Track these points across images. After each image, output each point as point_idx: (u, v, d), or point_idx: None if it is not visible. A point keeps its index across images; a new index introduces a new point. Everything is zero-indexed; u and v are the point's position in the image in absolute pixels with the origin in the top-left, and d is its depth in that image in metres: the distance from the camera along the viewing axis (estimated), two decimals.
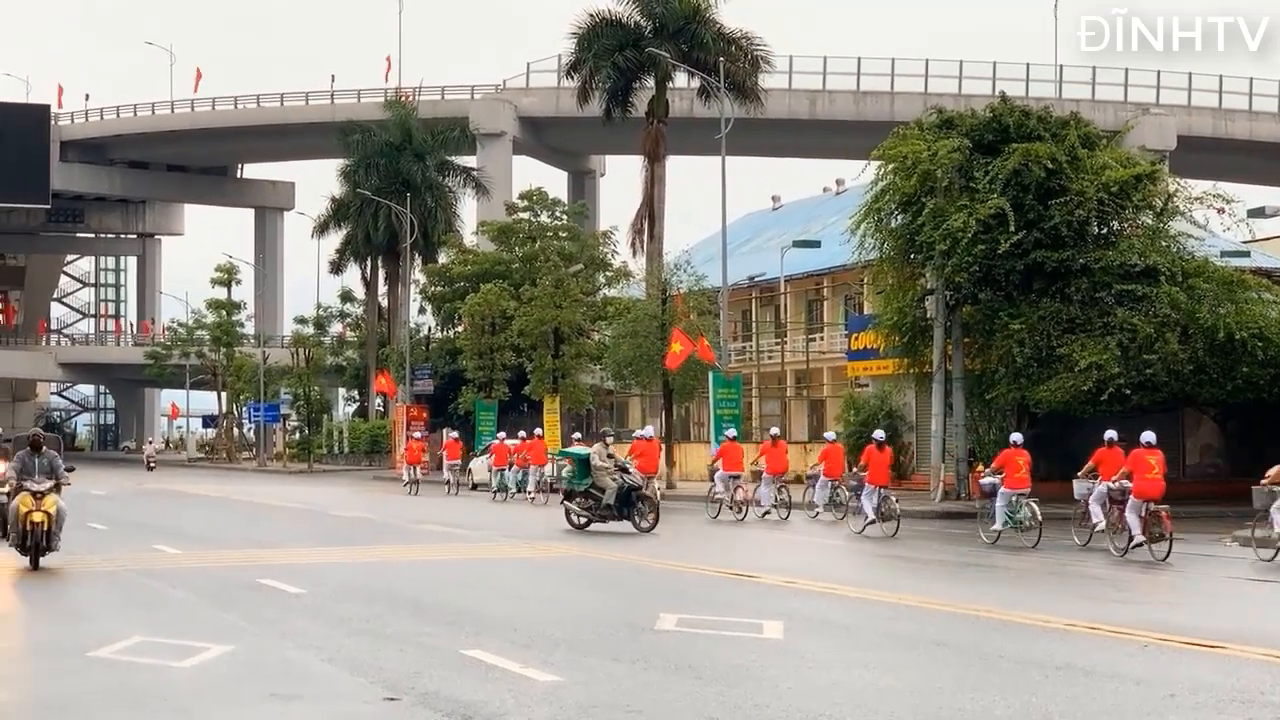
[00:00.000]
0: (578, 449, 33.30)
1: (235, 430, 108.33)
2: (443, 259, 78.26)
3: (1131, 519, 24.64)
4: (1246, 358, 37.48)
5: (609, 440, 32.73)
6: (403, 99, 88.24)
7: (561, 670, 12.56)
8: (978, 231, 37.20)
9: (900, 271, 41.50)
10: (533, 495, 44.73)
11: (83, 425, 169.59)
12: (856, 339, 49.56)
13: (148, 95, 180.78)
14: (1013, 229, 37.05)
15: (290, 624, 15.77)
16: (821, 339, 63.87)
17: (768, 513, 35.15)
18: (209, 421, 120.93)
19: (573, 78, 66.81)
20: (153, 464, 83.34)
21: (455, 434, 52.36)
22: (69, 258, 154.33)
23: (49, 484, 21.74)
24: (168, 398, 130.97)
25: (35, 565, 21.63)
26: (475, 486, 52.03)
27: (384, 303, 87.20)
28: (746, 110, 61.36)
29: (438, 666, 12.84)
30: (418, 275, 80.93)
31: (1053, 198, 37.97)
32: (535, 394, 60.77)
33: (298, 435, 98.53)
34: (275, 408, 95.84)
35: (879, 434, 32.92)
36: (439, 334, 79.11)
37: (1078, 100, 72.24)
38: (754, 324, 68.58)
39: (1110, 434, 26.92)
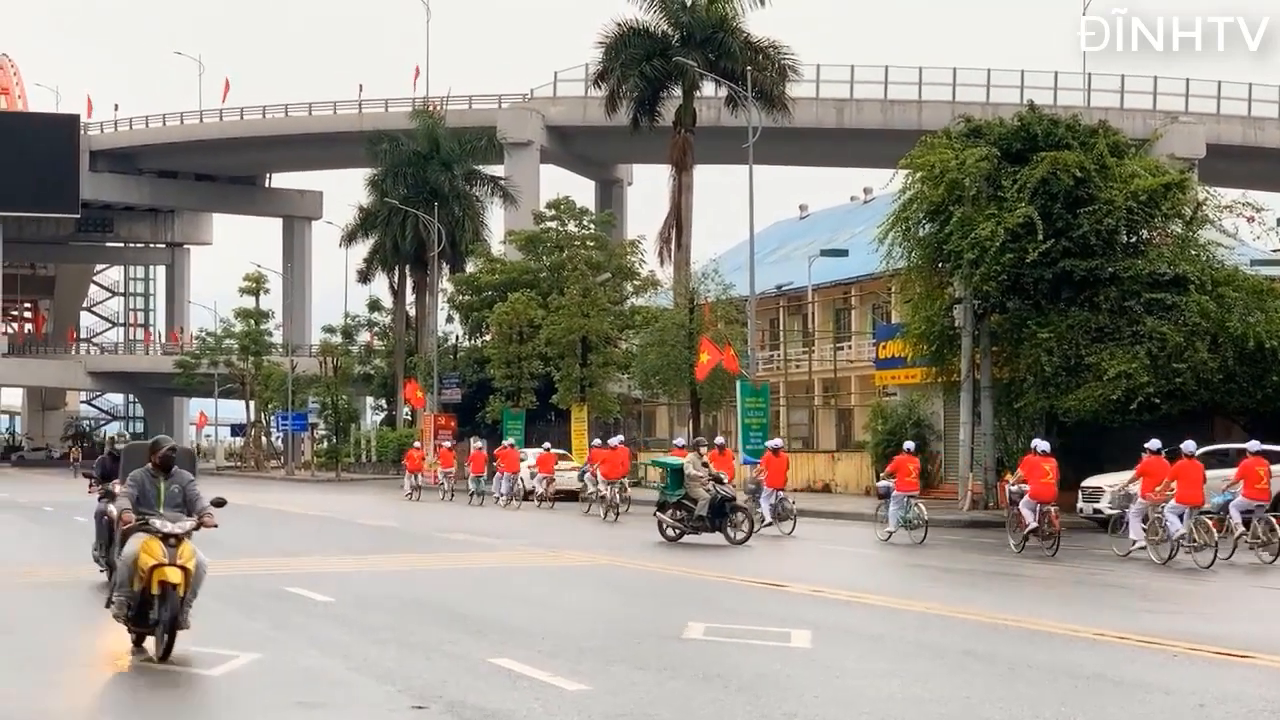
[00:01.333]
0: (670, 458, 32.36)
1: (263, 439, 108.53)
2: (470, 268, 78.35)
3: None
4: (1276, 366, 37.38)
5: (704, 449, 31.18)
6: (430, 108, 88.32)
7: (588, 679, 12.55)
8: (1006, 240, 37.11)
9: (928, 280, 41.43)
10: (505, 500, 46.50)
11: (111, 434, 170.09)
12: (884, 348, 49.47)
13: (177, 105, 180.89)
14: (1041, 238, 36.95)
15: (317, 632, 15.78)
16: (849, 348, 63.76)
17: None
18: (237, 430, 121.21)
19: (600, 87, 66.87)
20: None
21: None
22: (98, 267, 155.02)
23: (189, 523, 14.25)
24: (196, 406, 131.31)
25: (165, 656, 13.56)
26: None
27: (412, 312, 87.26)
28: (774, 119, 61.31)
29: (464, 675, 12.83)
30: (445, 284, 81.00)
31: (1081, 206, 37.86)
32: (563, 403, 60.82)
33: (325, 444, 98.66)
34: (303, 416, 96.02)
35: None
36: (467, 343, 79.23)
37: (1106, 109, 72.04)
38: (782, 333, 68.51)
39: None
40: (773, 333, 69.01)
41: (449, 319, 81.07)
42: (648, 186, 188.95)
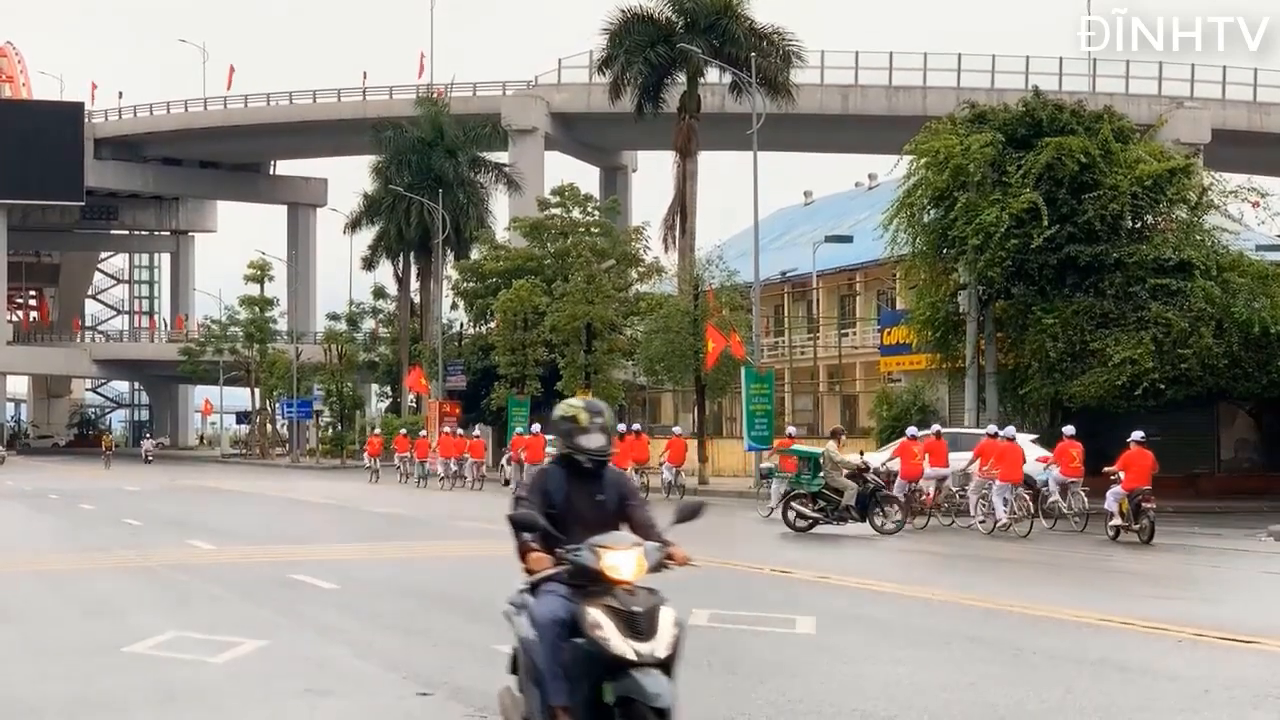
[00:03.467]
0: (807, 447, 31.86)
1: (269, 426, 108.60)
2: (475, 255, 78.25)
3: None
4: None
5: (842, 438, 31.02)
6: (435, 95, 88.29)
7: None
8: (1010, 226, 37.11)
9: (933, 266, 41.43)
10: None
11: (117, 422, 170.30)
12: (889, 334, 49.48)
13: (181, 93, 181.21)
14: (1046, 223, 36.95)
15: (323, 619, 15.81)
16: (854, 334, 63.77)
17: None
18: (242, 418, 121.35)
19: (604, 73, 66.79)
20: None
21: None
22: (103, 255, 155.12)
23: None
24: (201, 394, 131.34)
25: None
26: (508, 483, 52.08)
27: (416, 299, 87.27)
28: (778, 105, 61.21)
29: (470, 661, 12.84)
30: (450, 271, 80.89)
31: (1086, 192, 37.85)
32: (567, 389, 60.73)
33: (330, 431, 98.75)
34: (308, 404, 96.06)
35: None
36: (471, 330, 79.16)
37: (1111, 94, 71.83)
38: (786, 319, 68.49)
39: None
40: (777, 319, 69.00)
41: (453, 306, 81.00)
42: (652, 173, 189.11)
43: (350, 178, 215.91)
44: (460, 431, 56.59)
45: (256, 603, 17.35)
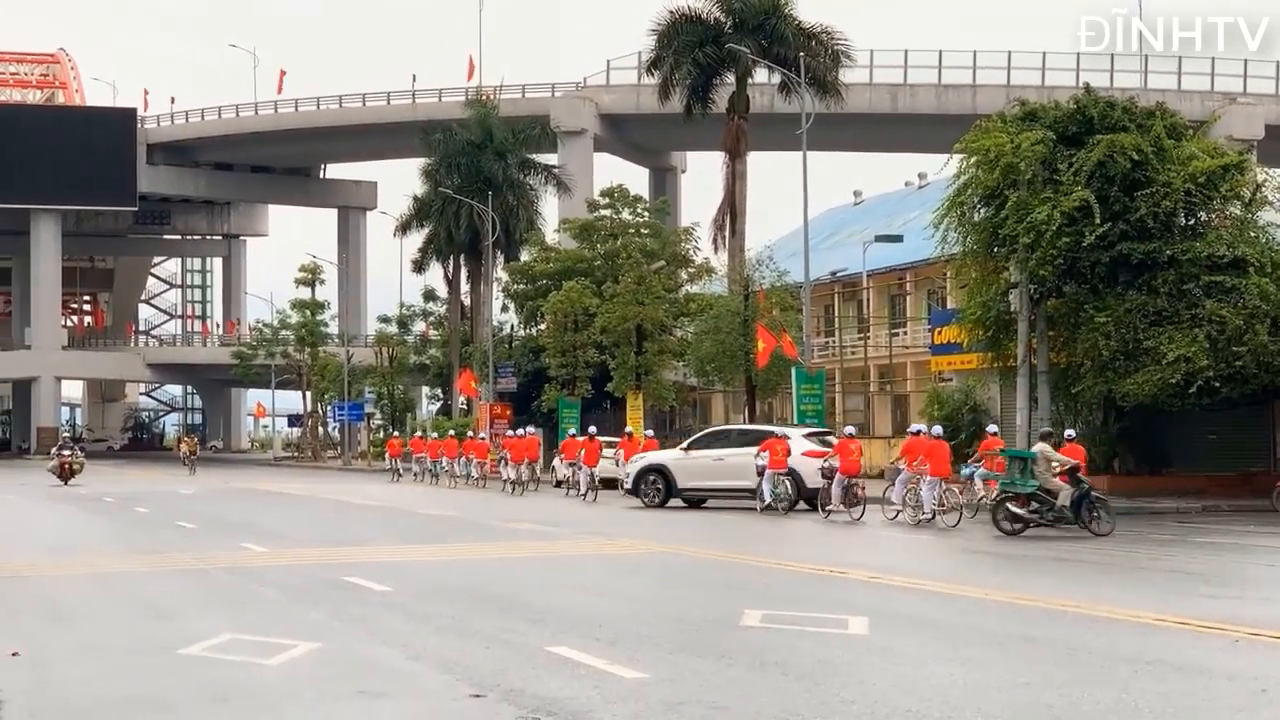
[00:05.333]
0: (1023, 449, 31.93)
1: (320, 429, 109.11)
2: (525, 257, 78.42)
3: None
4: None
5: (1055, 441, 30.87)
6: (483, 98, 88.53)
7: (646, 667, 12.55)
8: (1062, 224, 36.92)
9: (983, 265, 41.25)
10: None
11: (170, 425, 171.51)
12: (940, 333, 49.31)
13: (232, 97, 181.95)
14: (1098, 221, 36.74)
15: (376, 622, 15.85)
16: (904, 334, 63.61)
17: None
18: (294, 421, 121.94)
19: (653, 75, 66.88)
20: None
21: (526, 431, 53.86)
22: (155, 259, 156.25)
23: None
24: (253, 397, 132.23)
25: None
26: (559, 484, 52.15)
27: (466, 301, 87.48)
28: (827, 105, 61.15)
29: (523, 664, 12.85)
30: (500, 273, 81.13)
31: (1138, 189, 37.60)
32: (618, 391, 60.87)
33: (382, 434, 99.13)
34: (359, 407, 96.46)
35: (918, 426, 34.28)
36: (522, 332, 79.34)
37: (1163, 90, 71.46)
38: (836, 319, 68.37)
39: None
40: (828, 319, 68.89)
41: (504, 308, 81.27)
42: (701, 174, 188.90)
43: (400, 181, 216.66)
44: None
45: (309, 605, 17.40)
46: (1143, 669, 12.48)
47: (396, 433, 73.30)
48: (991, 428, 37.04)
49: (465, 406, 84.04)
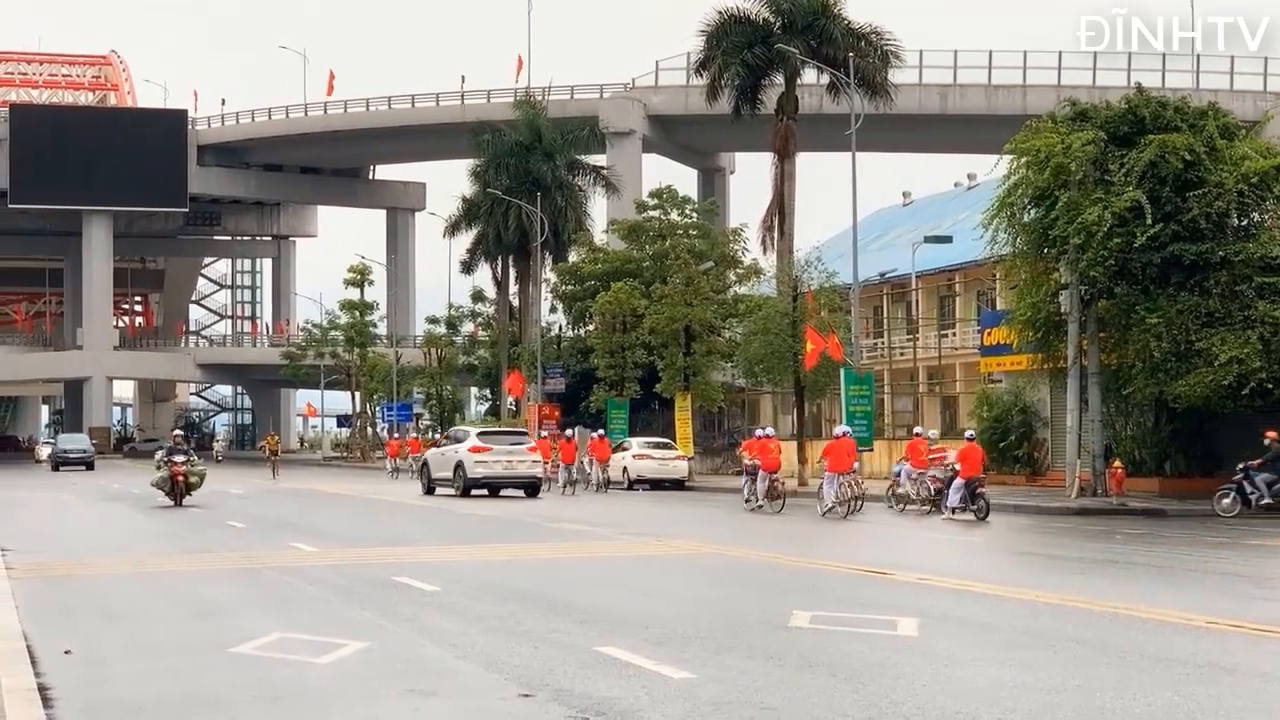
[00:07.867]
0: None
1: (369, 430, 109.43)
2: (573, 258, 78.52)
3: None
4: None
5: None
6: (532, 99, 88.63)
7: (695, 667, 12.53)
8: (1113, 225, 36.74)
9: (1034, 266, 41.08)
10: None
11: (220, 425, 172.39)
12: (989, 335, 49.13)
13: (282, 99, 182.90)
14: (1149, 222, 36.54)
15: (425, 621, 15.88)
16: (954, 335, 63.41)
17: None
18: (343, 421, 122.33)
19: (701, 75, 66.86)
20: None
21: (570, 433, 54.87)
22: (206, 260, 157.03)
23: None
24: (303, 397, 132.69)
25: None
26: (608, 484, 52.33)
27: (515, 302, 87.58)
28: (876, 106, 61.03)
29: (571, 663, 12.86)
30: (548, 274, 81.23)
31: (1190, 189, 37.39)
32: (666, 392, 60.86)
33: (430, 434, 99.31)
34: (408, 407, 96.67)
35: (919, 429, 36.43)
36: (570, 333, 79.43)
37: (1215, 90, 71.05)
38: (885, 320, 68.20)
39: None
40: (876, 320, 68.73)
41: (552, 309, 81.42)
42: (750, 174, 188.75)
43: (449, 182, 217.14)
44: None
45: (359, 604, 17.45)
46: (1195, 672, 12.40)
47: (397, 434, 75.33)
48: (918, 429, 41.74)
49: (514, 407, 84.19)
